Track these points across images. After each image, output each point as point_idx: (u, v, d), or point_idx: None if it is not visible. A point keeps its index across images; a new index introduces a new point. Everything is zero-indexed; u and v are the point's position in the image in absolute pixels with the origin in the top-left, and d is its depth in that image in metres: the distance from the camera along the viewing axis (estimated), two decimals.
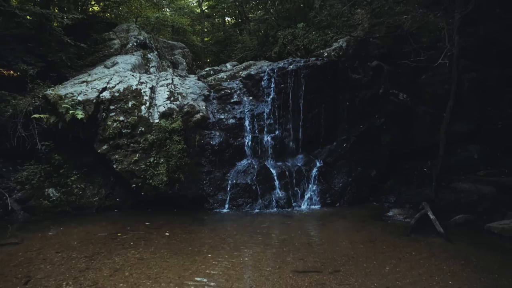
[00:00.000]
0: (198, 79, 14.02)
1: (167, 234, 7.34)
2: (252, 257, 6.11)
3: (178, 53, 19.99)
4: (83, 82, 10.34)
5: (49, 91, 9.76)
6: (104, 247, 6.63)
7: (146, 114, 9.88)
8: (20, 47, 11.86)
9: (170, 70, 16.81)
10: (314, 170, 10.27)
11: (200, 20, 28.60)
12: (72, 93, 9.68)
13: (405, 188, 10.00)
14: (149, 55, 15.77)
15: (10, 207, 8.64)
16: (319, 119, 10.97)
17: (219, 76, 14.61)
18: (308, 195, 9.90)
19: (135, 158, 9.40)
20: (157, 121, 9.77)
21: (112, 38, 15.87)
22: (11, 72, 12.01)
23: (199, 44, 27.17)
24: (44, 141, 9.49)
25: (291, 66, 10.99)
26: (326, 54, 12.26)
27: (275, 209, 9.40)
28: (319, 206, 9.73)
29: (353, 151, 10.50)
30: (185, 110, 10.14)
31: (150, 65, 15.36)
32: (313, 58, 11.46)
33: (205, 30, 29.30)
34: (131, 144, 9.57)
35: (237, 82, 12.21)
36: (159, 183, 9.26)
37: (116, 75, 10.66)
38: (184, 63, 19.35)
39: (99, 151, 9.56)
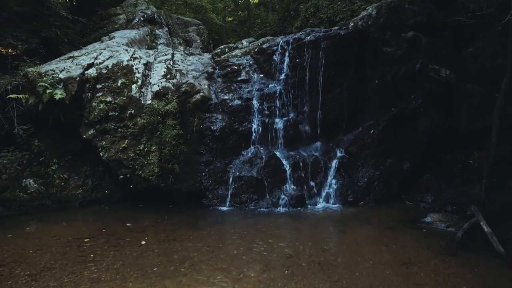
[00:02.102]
0: (212, 57, 12.28)
1: (143, 242, 5.77)
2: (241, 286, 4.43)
3: (192, 30, 18.23)
4: (70, 58, 8.82)
5: (31, 68, 8.33)
6: (61, 259, 5.16)
7: (137, 94, 8.26)
8: (26, 25, 10.66)
9: (181, 48, 15.15)
10: (334, 161, 8.38)
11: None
12: (53, 70, 8.19)
13: (446, 185, 7.98)
14: (157, 31, 14.12)
15: None
16: (341, 100, 8.97)
17: (233, 54, 12.83)
18: (326, 191, 8.07)
19: (123, 145, 7.87)
20: (149, 102, 8.15)
21: (118, 13, 14.36)
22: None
23: (219, 23, 25.39)
24: (25, 125, 8.13)
25: (308, 37, 8.96)
26: (352, 24, 10.14)
27: (285, 208, 7.65)
28: (339, 204, 7.90)
29: (382, 139, 8.49)
30: (183, 89, 8.44)
31: (158, 42, 13.74)
32: (336, 27, 9.37)
33: (228, 9, 27.39)
34: (119, 129, 8.02)
35: (248, 57, 10.34)
36: (149, 175, 7.72)
37: (106, 50, 9.06)
38: (199, 41, 17.60)
39: (84, 136, 8.09)
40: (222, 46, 15.32)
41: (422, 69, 8.96)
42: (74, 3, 14.99)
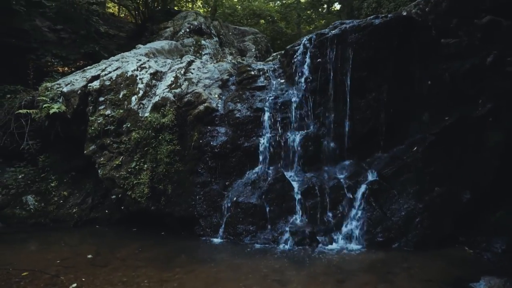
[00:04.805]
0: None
1: (74, 285, 4.60)
2: None
3: (248, 40, 17.31)
4: (83, 71, 8.36)
5: (44, 84, 8.06)
6: None
7: (136, 106, 7.34)
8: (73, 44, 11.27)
9: (230, 57, 14.23)
10: (362, 186, 6.28)
11: (296, 8, 25.43)
12: (59, 84, 7.79)
13: None
14: (203, 42, 13.44)
15: None
16: (377, 108, 6.79)
17: None
18: (347, 226, 6.02)
19: (117, 162, 6.99)
20: (147, 114, 7.15)
21: (167, 27, 14.19)
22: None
23: (288, 32, 24.48)
24: (34, 140, 7.85)
25: (333, 31, 7.05)
26: (405, 13, 7.91)
27: (287, 245, 5.84)
28: (363, 245, 5.79)
29: (429, 159, 6.12)
30: (186, 99, 7.27)
31: (203, 52, 13.02)
32: (371, 17, 7.24)
33: (306, 19, 26.24)
34: (115, 144, 7.18)
35: (275, 61, 8.85)
36: (139, 196, 6.67)
37: (118, 61, 8.39)
38: (253, 50, 16.57)
39: (85, 152, 7.42)
40: (274, 54, 14.06)
41: (495, 62, 6.34)
42: (140, 22, 15.24)
